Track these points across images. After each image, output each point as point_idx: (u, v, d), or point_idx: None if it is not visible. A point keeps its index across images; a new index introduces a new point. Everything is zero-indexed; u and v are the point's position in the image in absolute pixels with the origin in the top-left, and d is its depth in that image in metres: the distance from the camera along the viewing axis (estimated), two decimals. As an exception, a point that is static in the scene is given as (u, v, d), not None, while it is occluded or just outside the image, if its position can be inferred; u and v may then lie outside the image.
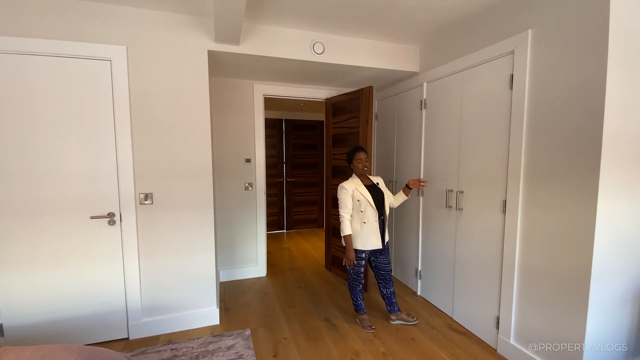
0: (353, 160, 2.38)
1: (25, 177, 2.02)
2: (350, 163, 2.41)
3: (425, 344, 2.21)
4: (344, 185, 2.33)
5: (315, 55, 2.54)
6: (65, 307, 2.14)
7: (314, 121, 5.51)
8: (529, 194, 1.88)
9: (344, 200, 2.30)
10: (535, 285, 1.86)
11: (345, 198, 2.31)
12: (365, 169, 2.37)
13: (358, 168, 2.37)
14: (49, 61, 2.02)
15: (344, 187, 2.32)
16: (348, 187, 2.32)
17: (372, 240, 2.32)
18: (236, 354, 2.07)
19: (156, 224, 2.29)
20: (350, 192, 2.31)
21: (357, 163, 2.37)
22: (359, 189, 2.32)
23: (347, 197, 2.30)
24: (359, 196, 2.31)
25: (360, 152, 2.38)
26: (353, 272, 2.40)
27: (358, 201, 2.30)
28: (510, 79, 1.97)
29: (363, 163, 2.35)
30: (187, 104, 2.29)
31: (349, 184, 2.34)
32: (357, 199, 2.30)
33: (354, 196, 2.31)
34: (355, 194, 2.31)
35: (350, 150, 2.44)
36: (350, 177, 2.42)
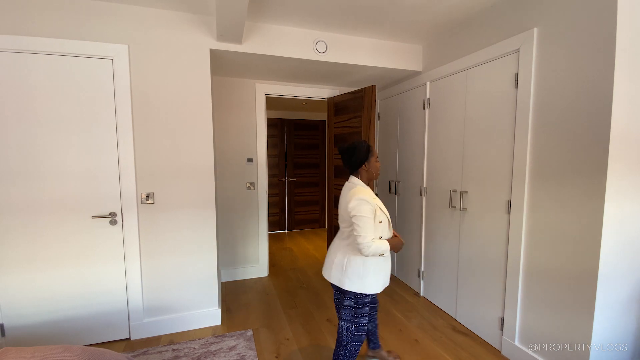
0: (370, 159, 1.63)
1: (26, 176, 2.01)
2: (365, 162, 1.63)
3: (428, 346, 2.19)
4: (367, 198, 1.50)
5: (318, 54, 2.53)
6: (67, 307, 2.13)
7: (315, 121, 5.49)
8: (535, 194, 1.86)
9: (368, 220, 1.48)
10: (541, 287, 1.83)
11: (369, 217, 1.49)
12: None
13: (376, 169, 1.66)
14: (51, 60, 2.01)
15: (367, 201, 1.49)
16: (372, 201, 1.52)
17: (386, 278, 1.66)
18: (238, 355, 2.06)
19: (158, 224, 2.27)
20: (374, 208, 1.52)
21: (375, 162, 1.66)
22: (378, 204, 1.57)
23: (371, 215, 1.50)
24: (381, 215, 1.56)
25: (373, 148, 1.72)
26: (355, 327, 1.62)
27: (380, 222, 1.55)
28: (516, 78, 1.95)
29: (379, 162, 1.70)
30: (189, 103, 2.28)
31: (371, 197, 1.53)
32: (380, 220, 1.55)
33: (375, 215, 1.53)
34: (378, 213, 1.55)
35: (362, 145, 1.62)
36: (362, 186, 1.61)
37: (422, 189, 2.87)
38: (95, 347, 1.40)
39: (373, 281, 1.59)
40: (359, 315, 1.63)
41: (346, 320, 1.65)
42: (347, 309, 1.64)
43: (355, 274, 1.57)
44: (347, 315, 1.64)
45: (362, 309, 1.63)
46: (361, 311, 1.63)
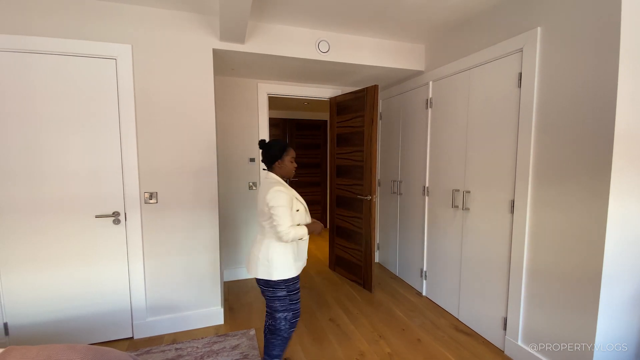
0: (284, 158, 1.73)
1: (30, 176, 2.02)
2: (278, 159, 1.73)
3: (431, 345, 2.19)
4: (283, 189, 1.64)
5: (320, 53, 2.53)
6: (70, 306, 2.14)
7: (318, 121, 5.49)
8: (538, 193, 1.85)
9: (285, 209, 1.60)
10: (544, 286, 1.83)
11: (286, 205, 1.61)
12: (294, 171, 1.81)
13: (289, 168, 1.76)
14: (54, 60, 2.02)
15: (283, 192, 1.62)
16: (288, 191, 1.66)
17: (303, 257, 1.79)
18: (241, 354, 2.06)
19: (161, 223, 2.28)
20: (290, 198, 1.65)
21: (289, 162, 1.75)
22: (295, 194, 1.73)
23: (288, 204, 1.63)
24: (297, 204, 1.71)
25: (292, 149, 1.78)
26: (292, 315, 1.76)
27: (297, 211, 1.70)
28: (519, 77, 1.95)
29: (294, 164, 1.79)
30: (191, 103, 2.29)
31: (286, 187, 1.68)
32: (296, 208, 1.70)
33: (292, 205, 1.67)
34: (295, 202, 1.70)
35: (277, 143, 1.74)
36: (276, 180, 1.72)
37: (425, 188, 2.86)
38: (99, 346, 1.41)
39: (294, 265, 1.71)
40: (293, 302, 1.77)
41: (282, 311, 1.72)
42: (281, 299, 1.71)
43: (281, 262, 1.67)
44: (282, 306, 1.72)
45: (295, 295, 1.78)
46: (295, 297, 1.77)
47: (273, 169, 1.76)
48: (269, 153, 1.74)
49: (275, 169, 1.75)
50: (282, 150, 1.74)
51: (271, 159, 1.74)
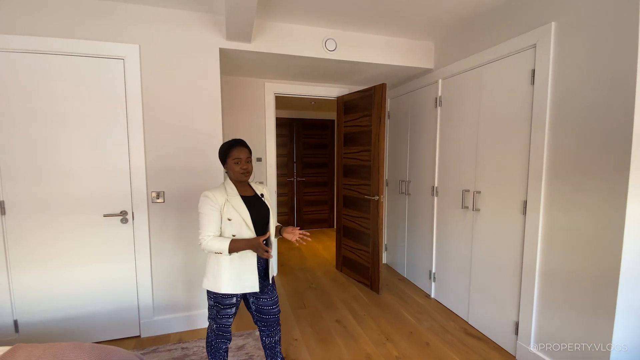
0: (227, 160, 1.58)
1: (40, 175, 2.04)
2: (224, 163, 1.61)
3: (439, 349, 2.14)
4: (209, 194, 1.52)
5: (327, 52, 2.50)
6: (78, 304, 2.16)
7: (325, 120, 5.47)
8: (552, 194, 1.79)
9: (207, 216, 1.50)
10: (558, 290, 1.77)
11: (208, 213, 1.50)
12: (245, 173, 1.60)
13: (234, 171, 1.58)
14: (64, 60, 2.04)
15: (207, 197, 1.51)
16: (215, 197, 1.52)
17: (247, 280, 1.57)
18: (247, 355, 2.05)
19: (168, 222, 2.28)
20: (217, 204, 1.51)
21: (232, 164, 1.57)
22: (231, 201, 1.55)
23: (212, 211, 1.50)
24: (230, 213, 1.53)
25: (237, 149, 1.58)
26: (216, 327, 1.62)
27: (229, 220, 1.52)
28: (532, 74, 1.89)
29: (242, 165, 1.58)
30: (198, 103, 2.29)
31: (217, 192, 1.54)
32: (228, 217, 1.52)
33: (224, 212, 1.52)
34: (225, 209, 1.52)
35: (223, 145, 1.62)
36: (221, 184, 1.64)
37: (434, 188, 2.81)
38: (106, 345, 1.41)
39: (227, 280, 1.55)
40: (221, 316, 1.61)
41: (210, 318, 1.66)
42: (209, 308, 1.65)
43: (211, 272, 1.57)
44: (210, 314, 1.65)
45: (225, 310, 1.60)
46: (224, 312, 1.60)
47: (226, 172, 1.65)
48: (219, 156, 1.65)
49: (227, 171, 1.64)
50: (224, 153, 1.60)
51: (221, 162, 1.64)
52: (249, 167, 1.60)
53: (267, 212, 1.66)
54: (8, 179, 2.00)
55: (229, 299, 1.58)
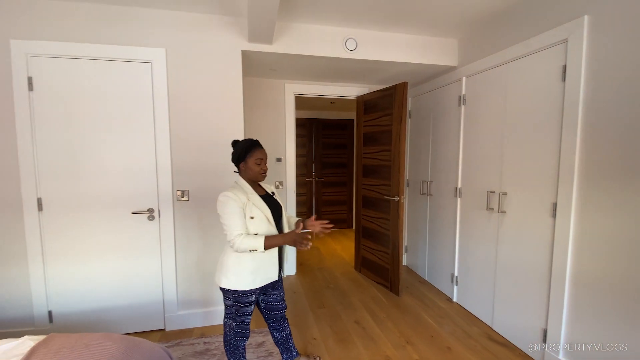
0: (247, 159, 1.59)
1: (73, 174, 2.16)
2: (242, 162, 1.60)
3: (462, 354, 2.08)
4: (229, 194, 1.52)
5: (347, 51, 2.50)
6: (108, 297, 2.27)
7: (344, 120, 5.46)
8: (584, 196, 1.70)
9: (233, 215, 1.49)
10: (591, 297, 1.68)
11: (233, 212, 1.50)
12: (264, 174, 1.63)
13: (254, 171, 1.59)
14: (95, 65, 2.14)
15: (229, 197, 1.51)
16: (237, 196, 1.52)
17: (268, 272, 1.61)
18: (266, 352, 2.07)
19: (192, 220, 2.35)
20: (240, 202, 1.52)
21: (253, 164, 1.59)
22: (252, 199, 1.57)
23: (237, 210, 1.50)
24: (252, 211, 1.55)
25: (259, 150, 1.61)
26: (236, 325, 1.63)
27: (251, 218, 1.54)
28: (563, 70, 1.80)
29: (263, 166, 1.61)
30: (221, 104, 2.34)
31: (237, 192, 1.54)
32: (250, 216, 1.54)
33: (246, 211, 1.53)
34: (247, 208, 1.54)
35: (242, 143, 1.61)
36: (235, 184, 1.63)
37: (457, 189, 2.74)
38: (133, 337, 1.47)
39: (250, 276, 1.56)
40: (240, 314, 1.62)
41: (227, 317, 1.65)
42: (227, 307, 1.64)
43: (232, 271, 1.56)
44: (229, 313, 1.64)
45: (244, 308, 1.61)
46: (244, 310, 1.62)
47: (240, 171, 1.63)
48: (234, 153, 1.62)
49: (240, 171, 1.63)
50: (246, 151, 1.59)
51: (236, 160, 1.62)
52: (266, 168, 1.65)
53: (280, 209, 1.72)
54: (45, 177, 2.12)
55: (249, 297, 1.60)
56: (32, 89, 2.07)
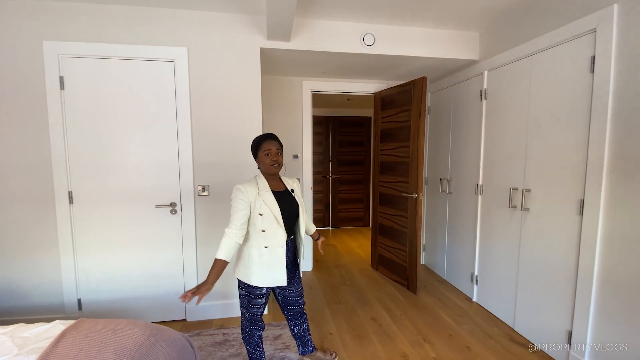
0: (259, 153, 1.61)
1: (101, 169, 2.26)
2: (255, 157, 1.65)
3: (481, 354, 2.04)
4: (240, 187, 1.54)
5: (365, 47, 2.48)
6: (133, 287, 2.36)
7: (361, 117, 5.43)
8: (614, 192, 1.63)
9: (235, 209, 1.53)
10: (620, 298, 1.60)
11: (237, 206, 1.53)
12: (275, 165, 1.60)
13: (265, 164, 1.59)
14: (122, 64, 2.23)
15: (239, 190, 1.54)
16: (246, 190, 1.54)
17: (275, 274, 1.60)
18: (283, 345, 2.10)
19: (213, 214, 2.41)
20: (248, 198, 1.53)
21: (263, 156, 1.59)
22: (263, 196, 1.57)
23: (242, 204, 1.52)
24: (261, 207, 1.55)
25: (268, 141, 1.60)
26: (249, 315, 1.68)
27: (260, 215, 1.55)
28: (592, 62, 1.73)
29: (272, 156, 1.58)
30: (240, 101, 2.38)
31: (248, 186, 1.56)
32: (259, 212, 1.55)
33: (255, 207, 1.55)
34: (257, 204, 1.55)
35: (255, 139, 1.66)
36: (253, 178, 1.66)
37: (478, 186, 2.68)
38: (157, 324, 1.53)
39: (257, 273, 1.59)
40: (252, 306, 1.66)
41: (242, 307, 1.70)
42: (241, 297, 1.69)
43: (242, 262, 1.62)
44: (242, 302, 1.70)
45: (255, 300, 1.65)
46: (255, 302, 1.65)
47: (259, 166, 1.66)
48: (251, 150, 1.69)
49: (259, 166, 1.66)
50: (256, 146, 1.62)
51: (253, 156, 1.69)
52: (279, 159, 1.61)
53: (297, 207, 1.68)
54: (75, 172, 2.23)
55: (260, 290, 1.63)
56: (63, 88, 2.18)
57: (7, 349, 1.28)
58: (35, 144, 2.18)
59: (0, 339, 1.35)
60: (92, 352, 1.21)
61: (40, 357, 1.18)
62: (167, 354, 1.37)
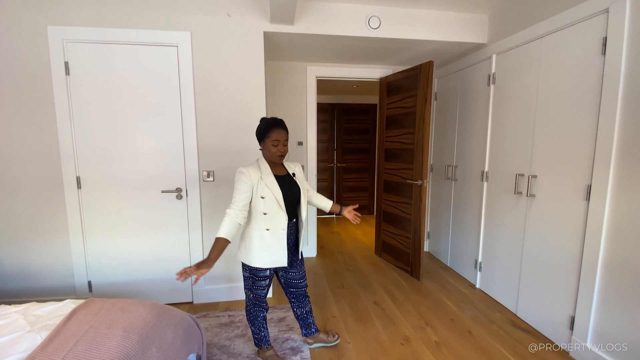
0: (266, 140, 1.60)
1: (108, 155, 2.29)
2: (261, 141, 1.63)
3: (483, 339, 2.06)
4: (243, 170, 1.57)
5: (370, 30, 2.44)
6: (141, 270, 2.42)
7: (366, 105, 5.37)
8: (622, 177, 1.60)
9: (237, 191, 1.56)
10: (625, 285, 1.60)
11: (239, 188, 1.56)
12: (280, 156, 1.62)
13: (271, 152, 1.61)
14: (125, 49, 2.22)
15: (242, 173, 1.57)
16: (249, 173, 1.57)
17: (276, 255, 1.63)
18: (287, 326, 2.15)
19: (218, 200, 2.44)
20: (250, 181, 1.57)
21: (270, 145, 1.59)
22: (265, 179, 1.59)
23: (244, 187, 1.56)
24: (263, 190, 1.58)
25: (277, 130, 1.59)
26: (253, 297, 1.72)
27: (262, 198, 1.58)
28: (603, 43, 1.68)
29: (280, 147, 1.60)
30: (244, 86, 2.37)
31: (251, 170, 1.59)
32: (261, 195, 1.58)
33: (257, 190, 1.58)
34: (259, 187, 1.58)
35: (263, 122, 1.62)
36: (255, 161, 1.68)
37: (483, 173, 2.65)
38: (164, 305, 1.57)
39: (258, 255, 1.62)
40: (256, 287, 1.70)
41: (247, 288, 1.74)
42: (245, 279, 1.72)
43: (244, 245, 1.65)
44: (247, 284, 1.73)
45: (259, 282, 1.68)
46: (258, 284, 1.69)
47: (262, 150, 1.66)
48: (256, 131, 1.65)
49: (262, 150, 1.66)
50: (265, 131, 1.60)
51: (257, 138, 1.65)
52: (285, 150, 1.62)
53: (298, 191, 1.70)
54: (83, 158, 2.26)
55: (263, 272, 1.66)
56: (68, 74, 2.19)
57: (20, 326, 1.33)
58: (43, 130, 2.21)
59: (13, 317, 1.40)
60: (101, 328, 1.26)
61: (52, 333, 1.23)
62: (174, 332, 1.41)
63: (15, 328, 1.31)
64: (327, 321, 2.25)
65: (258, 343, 1.81)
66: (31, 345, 1.20)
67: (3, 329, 1.31)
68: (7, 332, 1.28)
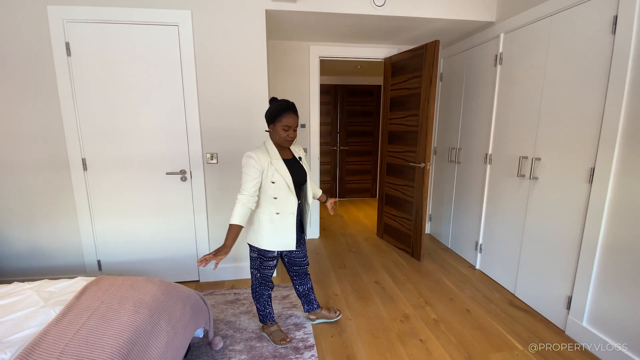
0: (276, 123, 1.58)
1: (113, 136, 2.30)
2: (271, 123, 1.61)
3: (481, 317, 2.12)
4: (252, 154, 1.55)
5: (375, 7, 2.37)
6: (148, 250, 2.48)
7: (370, 86, 5.29)
8: (627, 160, 1.59)
9: (247, 176, 1.55)
10: (621, 266, 1.62)
11: (249, 173, 1.55)
12: (289, 140, 1.62)
13: (280, 137, 1.59)
14: (126, 28, 2.19)
15: (251, 157, 1.55)
16: (258, 157, 1.55)
17: (286, 239, 1.67)
18: (290, 304, 2.22)
19: (221, 182, 2.46)
20: (260, 166, 1.56)
21: (281, 129, 1.58)
22: (275, 164, 1.59)
23: (255, 172, 1.55)
24: (274, 175, 1.58)
25: (289, 115, 1.57)
26: (260, 276, 1.77)
27: (272, 183, 1.58)
28: (614, 21, 1.62)
29: (290, 133, 1.59)
30: (246, 66, 2.35)
31: (260, 154, 1.57)
32: (272, 180, 1.58)
33: (267, 175, 1.57)
34: (269, 172, 1.57)
35: (276, 104, 1.60)
36: (262, 144, 1.66)
37: (487, 156, 2.64)
38: (172, 282, 1.62)
39: (268, 238, 1.65)
40: (264, 267, 1.75)
41: (253, 268, 1.79)
42: (252, 259, 1.77)
43: (253, 228, 1.68)
44: (254, 264, 1.78)
45: (267, 262, 1.74)
46: (266, 264, 1.74)
47: (270, 132, 1.64)
48: (266, 112, 1.62)
49: (270, 132, 1.64)
50: (277, 114, 1.57)
51: (267, 120, 1.62)
52: (295, 135, 1.62)
53: (305, 174, 1.73)
54: (88, 139, 2.28)
55: (271, 253, 1.71)
56: (70, 55, 2.17)
57: (34, 302, 1.39)
58: (47, 111, 2.22)
59: (27, 293, 1.46)
60: (112, 304, 1.31)
61: (65, 308, 1.29)
62: (182, 307, 1.47)
63: (30, 303, 1.37)
64: (329, 299, 2.32)
65: (263, 319, 1.87)
66: (45, 319, 1.26)
67: (18, 304, 1.37)
68: (22, 307, 1.34)
